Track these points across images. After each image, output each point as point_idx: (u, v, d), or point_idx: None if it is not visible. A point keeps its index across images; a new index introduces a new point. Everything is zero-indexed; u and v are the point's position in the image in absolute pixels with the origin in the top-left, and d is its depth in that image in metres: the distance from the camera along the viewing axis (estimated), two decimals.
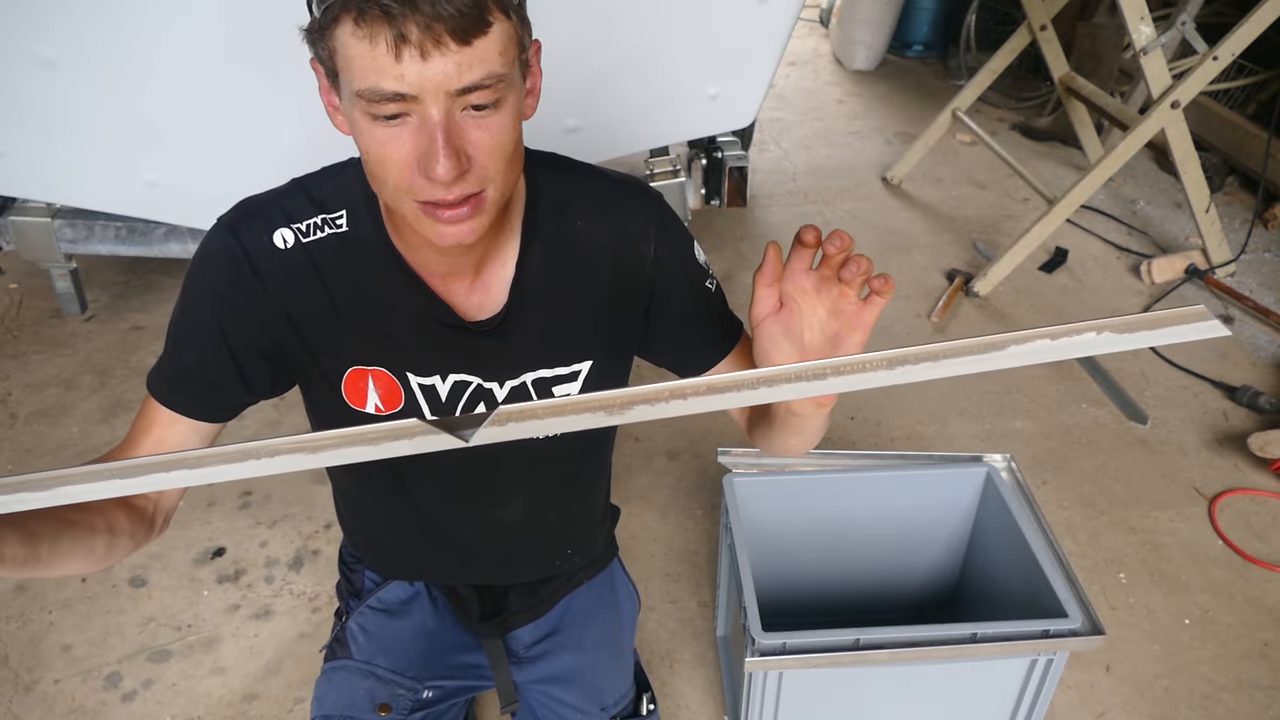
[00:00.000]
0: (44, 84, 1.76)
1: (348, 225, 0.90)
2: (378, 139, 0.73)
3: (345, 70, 0.72)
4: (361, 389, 0.97)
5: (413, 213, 0.78)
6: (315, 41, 0.73)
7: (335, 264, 0.90)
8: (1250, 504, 2.13)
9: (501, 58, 0.72)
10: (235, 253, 0.89)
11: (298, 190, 0.92)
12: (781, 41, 1.91)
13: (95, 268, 2.89)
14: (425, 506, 1.11)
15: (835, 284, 0.73)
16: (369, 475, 1.07)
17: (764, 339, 0.76)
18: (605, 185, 0.97)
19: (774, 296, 0.75)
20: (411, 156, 0.73)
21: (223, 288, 0.89)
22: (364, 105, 0.71)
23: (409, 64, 0.68)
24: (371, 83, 0.69)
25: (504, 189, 0.80)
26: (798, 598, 1.70)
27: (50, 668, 1.72)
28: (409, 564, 1.22)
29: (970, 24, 4.47)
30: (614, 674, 1.29)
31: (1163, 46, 2.66)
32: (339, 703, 1.17)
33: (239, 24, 1.69)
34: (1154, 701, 1.70)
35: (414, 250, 0.90)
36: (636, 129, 2.00)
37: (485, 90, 0.72)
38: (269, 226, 0.89)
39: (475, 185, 0.76)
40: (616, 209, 0.96)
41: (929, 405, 2.42)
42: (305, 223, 0.90)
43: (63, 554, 0.76)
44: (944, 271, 3.03)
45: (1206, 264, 2.96)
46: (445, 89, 0.70)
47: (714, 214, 3.29)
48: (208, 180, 1.92)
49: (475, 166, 0.75)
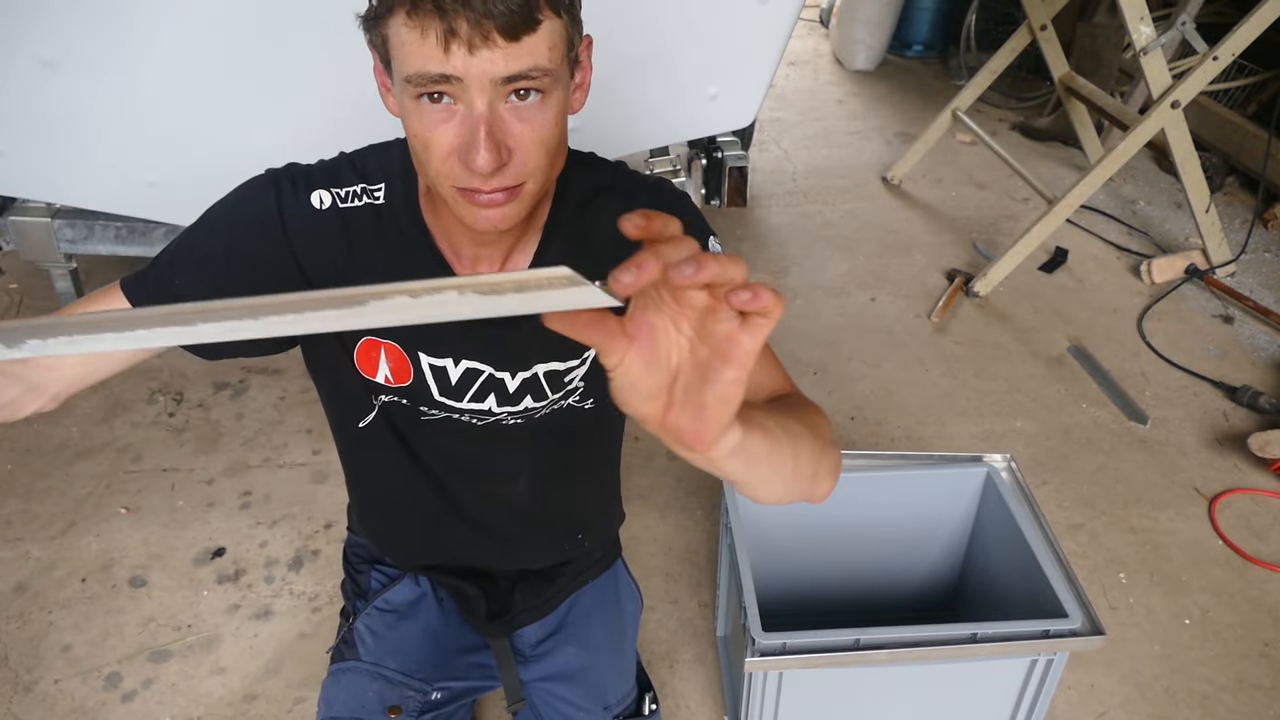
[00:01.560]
0: (44, 84, 1.76)
1: (384, 198, 0.93)
2: (425, 123, 0.76)
3: (396, 58, 0.74)
4: (374, 359, 0.99)
5: (451, 196, 0.80)
6: (370, 28, 0.76)
7: (368, 232, 0.93)
8: (1250, 504, 2.13)
9: (550, 54, 0.74)
10: (270, 210, 0.90)
11: (344, 161, 0.94)
12: (781, 42, 1.91)
13: (95, 268, 2.89)
14: (435, 482, 1.12)
15: (698, 294, 0.50)
16: (383, 449, 1.08)
17: (621, 381, 0.51)
18: (628, 183, 0.98)
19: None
20: (455, 145, 0.76)
21: (245, 239, 0.90)
22: (413, 89, 0.74)
23: (456, 55, 0.71)
24: (420, 68, 0.72)
25: (544, 182, 0.82)
26: (798, 598, 1.70)
27: (50, 668, 1.72)
28: (420, 547, 1.22)
29: (970, 24, 4.47)
30: (616, 673, 1.29)
31: (1163, 46, 2.66)
32: (348, 705, 1.17)
33: (239, 24, 1.69)
34: (1154, 701, 1.70)
35: (446, 232, 0.92)
36: (636, 129, 2.01)
37: (530, 80, 0.73)
38: (310, 186, 0.91)
39: (513, 179, 0.78)
40: (633, 201, 0.96)
41: (929, 405, 2.42)
42: (345, 190, 0.92)
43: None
44: (944, 271, 3.03)
45: (1206, 264, 2.96)
46: (490, 77, 0.72)
47: (714, 214, 3.28)
48: (208, 180, 1.91)
49: (515, 160, 0.77)
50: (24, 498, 2.08)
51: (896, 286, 2.95)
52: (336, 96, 1.61)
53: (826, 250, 3.15)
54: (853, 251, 3.15)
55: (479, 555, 1.21)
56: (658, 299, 0.50)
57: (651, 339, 0.50)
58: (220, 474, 2.16)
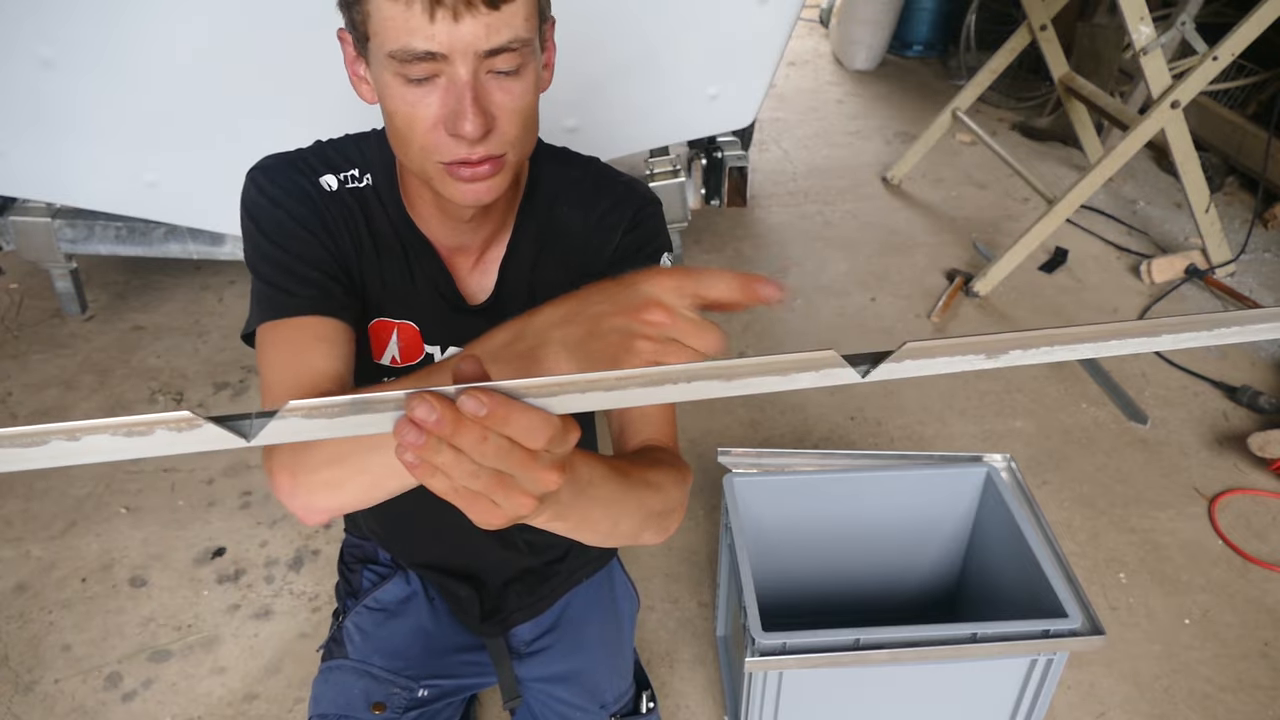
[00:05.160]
0: (44, 84, 1.76)
1: (371, 186, 0.94)
2: (407, 100, 0.76)
3: (378, 33, 0.74)
4: (384, 340, 0.99)
5: (437, 172, 0.80)
6: (350, 5, 0.76)
7: (375, 213, 0.93)
8: (1250, 504, 2.13)
9: (527, 23, 0.76)
10: (298, 180, 0.90)
11: (325, 148, 0.94)
12: (781, 41, 1.91)
13: (95, 268, 2.89)
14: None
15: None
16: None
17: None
18: (599, 179, 0.99)
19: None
20: (439, 116, 0.76)
21: (300, 203, 0.89)
22: (395, 66, 0.74)
23: (441, 24, 0.71)
24: (404, 43, 0.72)
25: (521, 154, 0.83)
26: (798, 598, 1.70)
27: (50, 668, 1.72)
28: (415, 545, 1.22)
29: (970, 24, 4.47)
30: (613, 672, 1.29)
31: (1163, 46, 2.66)
32: (335, 702, 1.17)
33: (238, 24, 1.69)
34: (1154, 701, 1.70)
35: (425, 222, 0.93)
36: (636, 129, 2.01)
37: (511, 54, 0.75)
38: (314, 170, 0.92)
39: (497, 148, 0.79)
40: (600, 200, 0.97)
41: (929, 405, 2.42)
42: (343, 173, 0.93)
43: None
44: (944, 271, 3.03)
45: (1206, 264, 2.96)
46: (475, 49, 0.73)
47: (714, 214, 3.29)
48: (208, 180, 1.92)
49: (498, 128, 0.78)
50: (24, 498, 2.08)
51: (896, 286, 2.95)
52: (337, 96, 1.61)
53: (826, 250, 3.15)
54: (853, 251, 3.15)
55: (471, 552, 1.21)
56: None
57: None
58: (220, 474, 2.16)
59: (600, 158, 1.03)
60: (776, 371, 0.45)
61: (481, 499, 0.51)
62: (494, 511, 0.52)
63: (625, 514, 0.73)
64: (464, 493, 0.50)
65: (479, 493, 0.51)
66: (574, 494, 0.62)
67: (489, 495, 0.51)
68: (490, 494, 0.51)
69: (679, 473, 0.86)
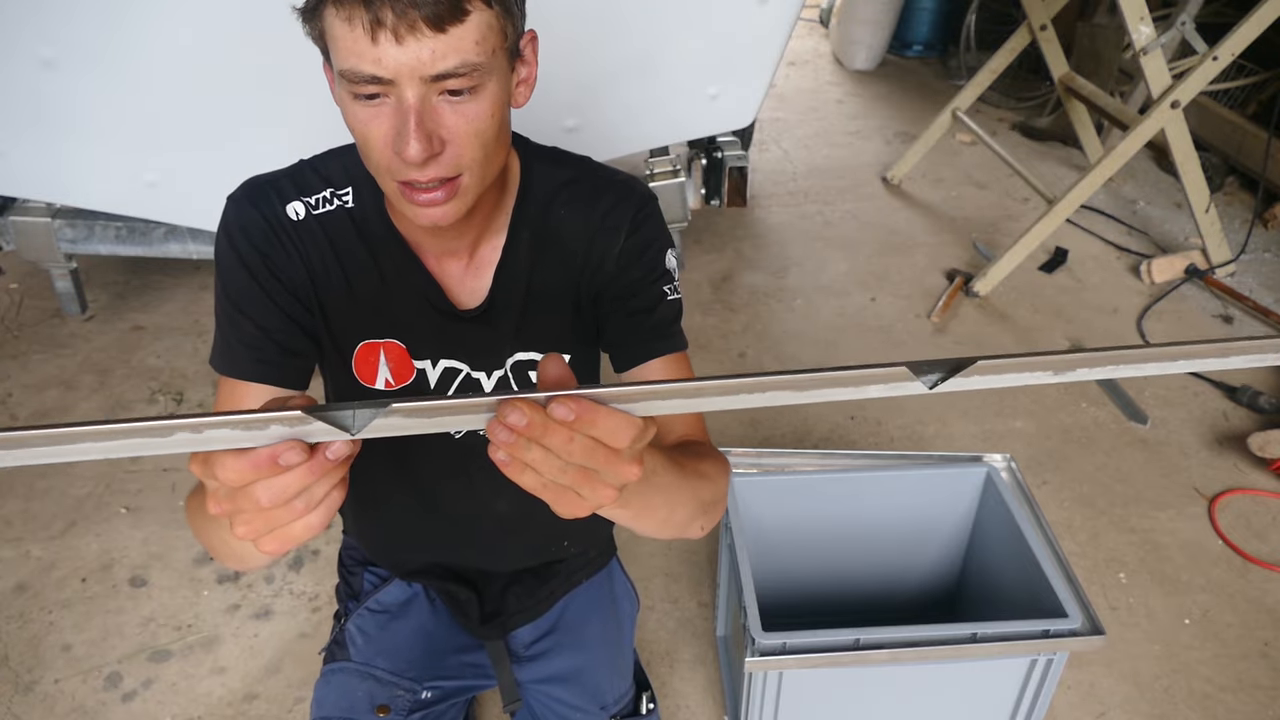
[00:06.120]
0: (44, 84, 1.76)
1: (354, 202, 0.93)
2: (360, 117, 0.76)
3: (331, 50, 0.74)
4: (373, 364, 0.99)
5: (394, 191, 0.80)
6: (307, 20, 0.75)
7: (347, 236, 0.93)
8: (1250, 504, 2.13)
9: (478, 46, 0.73)
10: (260, 223, 0.91)
11: (305, 167, 0.94)
12: (781, 42, 1.91)
13: (95, 268, 2.89)
14: (424, 484, 1.11)
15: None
16: (372, 454, 1.08)
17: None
18: (596, 179, 0.98)
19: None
20: (389, 136, 0.75)
21: (255, 251, 0.91)
22: (347, 85, 0.74)
23: (385, 47, 0.70)
24: (352, 64, 0.72)
25: (482, 176, 0.81)
26: (798, 598, 1.70)
27: (50, 668, 1.72)
28: (411, 552, 1.22)
29: (970, 24, 4.47)
30: (613, 673, 1.29)
31: (1163, 46, 2.66)
32: (338, 704, 1.17)
33: (238, 24, 1.69)
34: (1154, 701, 1.70)
35: (410, 230, 0.93)
36: (636, 129, 2.01)
37: (460, 78, 0.73)
38: (282, 199, 0.92)
39: (448, 170, 0.78)
40: (600, 201, 0.96)
41: (929, 405, 2.42)
42: (315, 196, 0.92)
43: None
44: (944, 271, 3.03)
45: (1206, 264, 2.96)
46: (419, 74, 0.72)
47: (714, 214, 3.29)
48: (208, 180, 1.92)
49: (449, 151, 0.77)
50: (24, 498, 2.08)
51: (896, 286, 2.95)
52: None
53: (826, 250, 3.15)
54: (853, 251, 3.15)
55: (467, 557, 1.21)
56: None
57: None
58: None
59: (600, 158, 1.02)
60: (848, 384, 0.48)
61: (568, 492, 0.56)
62: (579, 503, 0.57)
63: (681, 502, 0.78)
64: (551, 487, 0.55)
65: (566, 486, 0.55)
66: (640, 482, 0.64)
67: (575, 489, 0.55)
68: (576, 488, 0.55)
69: (724, 465, 0.91)
